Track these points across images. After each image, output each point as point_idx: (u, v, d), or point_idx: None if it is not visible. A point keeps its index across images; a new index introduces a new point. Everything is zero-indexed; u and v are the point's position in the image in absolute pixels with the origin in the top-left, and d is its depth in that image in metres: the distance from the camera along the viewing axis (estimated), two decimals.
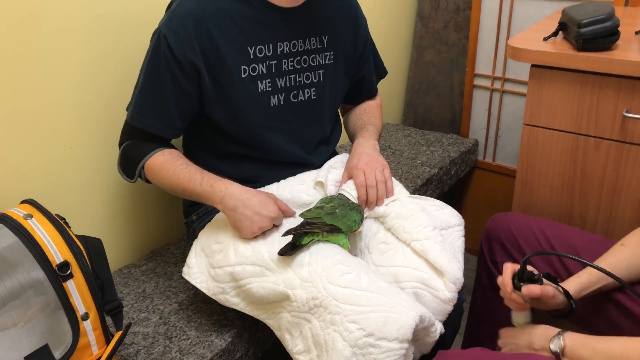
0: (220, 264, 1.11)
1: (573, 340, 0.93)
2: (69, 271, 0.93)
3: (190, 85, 1.12)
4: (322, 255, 1.05)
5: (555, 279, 1.04)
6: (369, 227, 1.19)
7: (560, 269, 1.17)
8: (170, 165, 1.14)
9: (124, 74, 1.30)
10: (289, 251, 1.04)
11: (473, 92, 2.11)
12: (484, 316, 1.33)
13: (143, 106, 1.14)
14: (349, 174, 1.22)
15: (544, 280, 1.02)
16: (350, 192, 1.18)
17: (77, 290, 0.94)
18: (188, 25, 1.09)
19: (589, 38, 1.27)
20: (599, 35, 1.26)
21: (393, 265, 1.11)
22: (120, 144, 1.20)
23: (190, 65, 1.10)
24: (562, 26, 1.38)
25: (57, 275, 0.92)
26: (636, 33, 1.37)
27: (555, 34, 1.39)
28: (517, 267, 1.02)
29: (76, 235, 0.98)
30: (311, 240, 1.07)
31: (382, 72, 1.45)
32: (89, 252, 0.98)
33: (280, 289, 1.03)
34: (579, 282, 1.05)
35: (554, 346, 0.94)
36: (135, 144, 1.18)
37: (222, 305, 1.16)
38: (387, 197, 1.19)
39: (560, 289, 1.03)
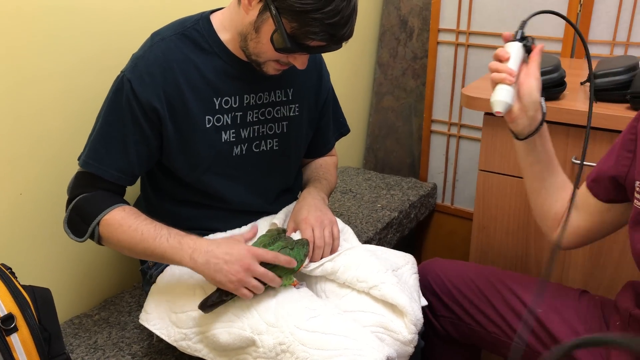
0: (183, 309, 1.08)
1: None
2: (13, 324, 0.89)
3: (151, 130, 1.10)
4: (288, 299, 1.04)
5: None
6: (322, 284, 1.16)
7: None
8: (132, 220, 1.07)
9: (80, 120, 1.28)
10: (211, 306, 1.02)
11: (431, 137, 2.16)
12: None
13: (99, 150, 1.10)
14: (295, 226, 1.19)
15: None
16: None
17: (21, 344, 0.89)
18: (155, 72, 1.08)
19: None
20: (546, 86, 1.32)
21: (352, 310, 1.10)
22: (70, 200, 1.12)
23: (153, 111, 1.08)
24: None
25: (1, 329, 0.88)
26: (581, 84, 1.44)
27: None
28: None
29: (23, 286, 0.94)
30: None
31: (343, 128, 1.44)
32: (37, 303, 0.94)
33: (246, 334, 1.01)
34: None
35: None
36: (90, 198, 1.10)
37: (178, 356, 1.12)
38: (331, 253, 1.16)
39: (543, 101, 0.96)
